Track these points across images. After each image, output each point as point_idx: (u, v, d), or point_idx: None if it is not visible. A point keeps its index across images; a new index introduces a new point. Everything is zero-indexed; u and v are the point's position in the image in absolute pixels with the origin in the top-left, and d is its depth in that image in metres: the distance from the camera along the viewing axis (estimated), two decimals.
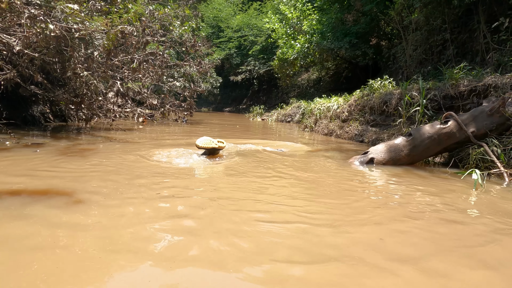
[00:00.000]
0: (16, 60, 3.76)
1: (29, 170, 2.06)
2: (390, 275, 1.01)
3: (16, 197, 1.48)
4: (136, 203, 1.53)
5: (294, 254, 1.12)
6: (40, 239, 1.11)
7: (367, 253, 1.16)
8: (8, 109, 4.34)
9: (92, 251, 1.04)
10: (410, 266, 1.08)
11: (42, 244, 1.07)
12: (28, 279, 0.87)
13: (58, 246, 1.05)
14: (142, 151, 3.03)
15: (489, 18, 7.50)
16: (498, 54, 6.95)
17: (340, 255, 1.13)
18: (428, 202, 1.91)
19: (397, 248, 1.22)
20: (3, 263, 0.94)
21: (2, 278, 0.86)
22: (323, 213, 1.58)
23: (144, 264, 0.98)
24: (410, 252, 1.19)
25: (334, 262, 1.08)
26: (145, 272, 0.94)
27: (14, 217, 1.26)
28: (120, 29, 3.55)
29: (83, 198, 1.53)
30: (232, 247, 1.14)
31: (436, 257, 1.16)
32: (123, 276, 0.92)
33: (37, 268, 0.92)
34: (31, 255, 1.00)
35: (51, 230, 1.18)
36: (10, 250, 1.02)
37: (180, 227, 1.29)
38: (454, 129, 3.11)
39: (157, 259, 1.02)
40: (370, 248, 1.20)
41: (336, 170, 2.76)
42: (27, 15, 2.79)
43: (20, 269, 0.91)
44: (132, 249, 1.07)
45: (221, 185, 2.00)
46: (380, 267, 1.07)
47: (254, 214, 1.49)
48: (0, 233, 1.13)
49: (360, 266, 1.07)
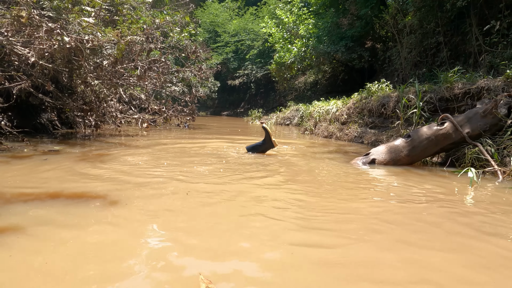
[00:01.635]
0: (28, 70, 3.89)
1: (56, 175, 2.20)
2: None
3: (56, 199, 1.62)
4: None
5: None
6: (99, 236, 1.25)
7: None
8: (18, 118, 4.46)
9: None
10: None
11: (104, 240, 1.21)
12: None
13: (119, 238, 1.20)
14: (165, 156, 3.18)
15: (481, 21, 7.75)
16: (490, 56, 7.17)
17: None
18: (431, 195, 2.08)
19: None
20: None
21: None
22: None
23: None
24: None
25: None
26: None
27: (66, 215, 1.40)
28: (130, 39, 3.70)
29: (117, 199, 1.67)
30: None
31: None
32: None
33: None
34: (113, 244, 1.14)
35: (103, 226, 1.33)
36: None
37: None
38: (450, 130, 3.30)
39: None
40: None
41: (346, 171, 2.92)
42: (45, 28, 2.93)
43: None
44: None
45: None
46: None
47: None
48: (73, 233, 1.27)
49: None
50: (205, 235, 1.30)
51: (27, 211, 1.43)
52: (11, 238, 1.18)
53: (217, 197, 1.84)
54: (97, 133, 5.15)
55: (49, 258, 1.04)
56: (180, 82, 10.62)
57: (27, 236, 1.20)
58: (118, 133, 5.25)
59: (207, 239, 1.25)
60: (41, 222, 1.32)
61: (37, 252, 1.08)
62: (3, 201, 1.54)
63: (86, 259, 1.06)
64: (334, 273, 1.03)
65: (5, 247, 1.11)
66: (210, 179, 2.32)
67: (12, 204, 1.52)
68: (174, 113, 7.11)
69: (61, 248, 1.13)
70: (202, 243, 1.22)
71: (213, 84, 17.30)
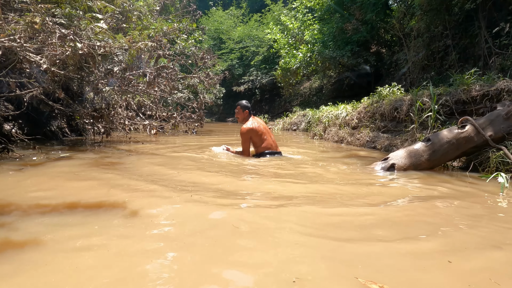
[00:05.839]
0: (40, 78, 3.87)
1: (71, 184, 2.13)
2: None
3: (74, 210, 1.54)
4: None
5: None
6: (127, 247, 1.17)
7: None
8: (29, 125, 4.43)
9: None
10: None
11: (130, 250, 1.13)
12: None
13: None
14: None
15: (490, 23, 7.67)
16: (501, 59, 7.08)
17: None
18: (466, 202, 1.97)
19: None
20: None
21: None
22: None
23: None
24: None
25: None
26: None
27: (86, 227, 1.32)
28: (141, 46, 3.67)
29: (136, 209, 1.59)
30: None
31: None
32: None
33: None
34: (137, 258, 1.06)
35: (123, 240, 1.24)
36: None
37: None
38: (472, 133, 3.19)
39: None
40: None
41: (367, 177, 2.82)
42: (58, 34, 2.91)
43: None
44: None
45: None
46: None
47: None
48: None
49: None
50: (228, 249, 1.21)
51: (46, 224, 1.35)
52: (31, 254, 1.10)
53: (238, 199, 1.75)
54: (106, 140, 5.11)
55: (72, 275, 0.96)
56: (186, 89, 10.64)
57: (47, 250, 1.12)
58: (128, 139, 5.20)
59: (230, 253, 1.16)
60: (60, 236, 1.24)
61: (59, 270, 1.00)
62: (20, 213, 1.47)
63: (108, 275, 0.97)
64: None
65: (28, 263, 1.03)
66: (225, 185, 2.24)
67: (29, 216, 1.45)
68: (183, 119, 7.07)
69: (82, 263, 1.05)
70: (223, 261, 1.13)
71: (219, 91, 17.32)
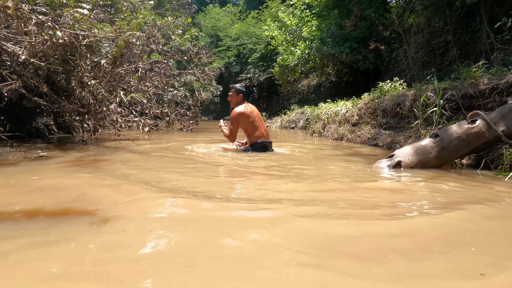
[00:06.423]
0: (21, 70, 3.62)
1: (40, 186, 1.88)
2: None
3: (33, 219, 1.29)
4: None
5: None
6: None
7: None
8: (12, 122, 4.17)
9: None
10: None
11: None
12: None
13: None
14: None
15: (491, 18, 7.51)
16: (503, 54, 6.94)
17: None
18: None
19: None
20: None
21: None
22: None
23: None
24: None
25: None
26: None
27: (44, 241, 1.08)
28: (129, 35, 3.42)
29: (108, 216, 1.35)
30: None
31: None
32: None
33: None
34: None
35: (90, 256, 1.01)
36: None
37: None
38: (483, 128, 2.97)
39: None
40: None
41: (374, 177, 2.59)
42: (35, 21, 2.65)
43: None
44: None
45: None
46: None
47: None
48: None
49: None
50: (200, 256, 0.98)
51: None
52: None
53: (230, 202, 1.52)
54: (94, 137, 4.85)
55: None
56: (182, 86, 10.39)
57: None
58: (118, 137, 4.94)
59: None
60: (6, 252, 1.00)
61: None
62: None
63: None
64: None
65: None
66: (217, 186, 2.00)
67: None
68: (177, 116, 6.82)
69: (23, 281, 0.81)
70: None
71: (216, 89, 17.07)
